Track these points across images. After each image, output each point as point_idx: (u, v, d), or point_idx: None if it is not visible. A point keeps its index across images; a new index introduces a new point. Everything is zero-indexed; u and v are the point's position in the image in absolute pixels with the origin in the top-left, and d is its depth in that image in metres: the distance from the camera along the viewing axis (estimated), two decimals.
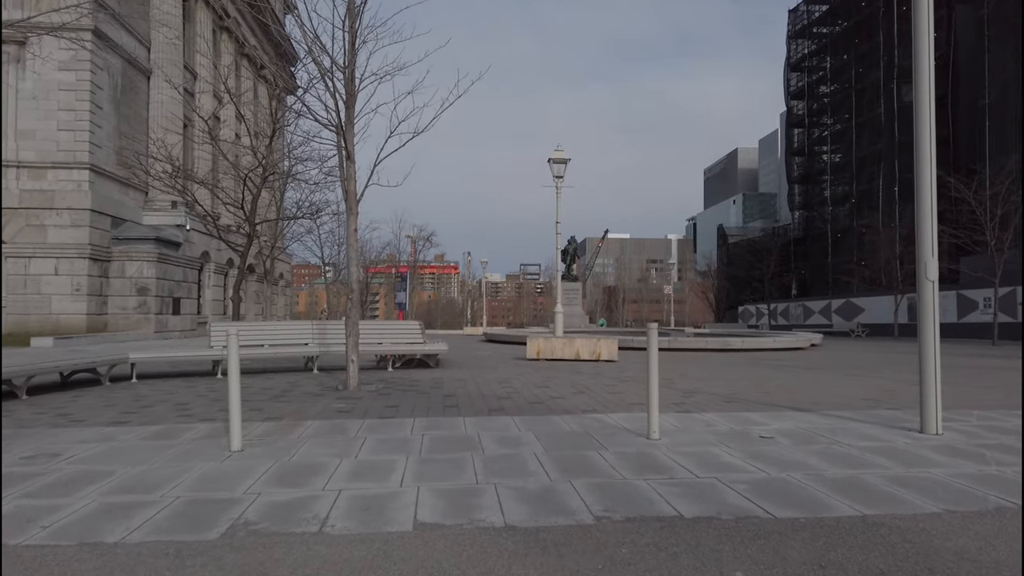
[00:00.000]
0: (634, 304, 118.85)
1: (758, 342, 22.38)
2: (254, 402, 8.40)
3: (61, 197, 25.45)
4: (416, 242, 65.27)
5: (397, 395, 9.00)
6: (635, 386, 10.09)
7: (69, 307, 25.45)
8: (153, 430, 6.58)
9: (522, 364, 14.77)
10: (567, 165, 17.62)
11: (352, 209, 9.62)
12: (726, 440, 5.98)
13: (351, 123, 9.56)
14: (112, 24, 27.43)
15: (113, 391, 9.71)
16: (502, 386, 10.04)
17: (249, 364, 12.95)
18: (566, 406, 8.01)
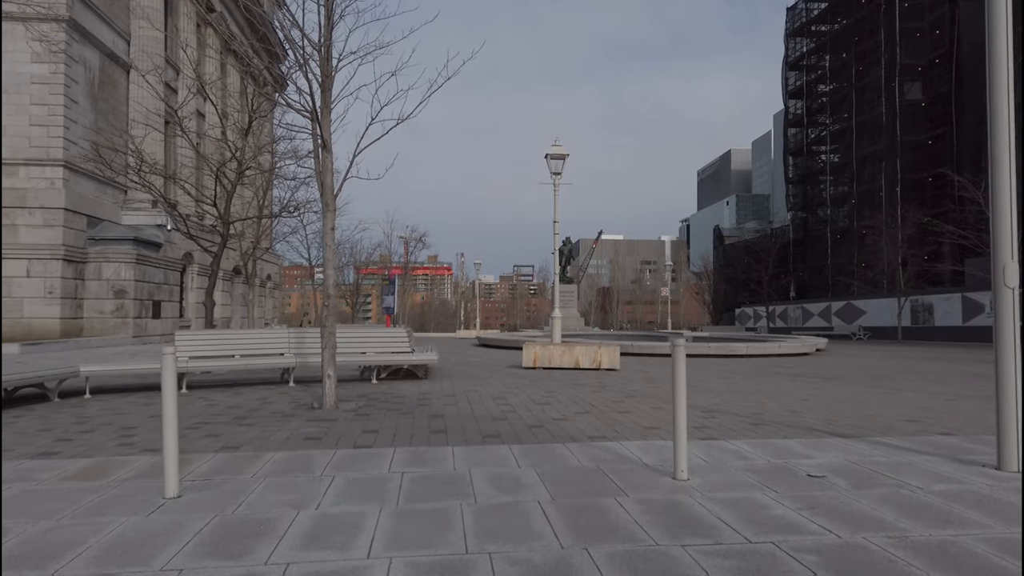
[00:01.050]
0: (629, 305, 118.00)
1: (762, 347, 21.42)
2: (212, 425, 7.33)
3: (33, 195, 24.27)
4: (409, 243, 64.11)
5: (378, 416, 7.94)
6: (645, 403, 9.05)
7: (42, 311, 24.27)
8: (80, 466, 5.50)
9: (518, 374, 13.73)
10: (565, 161, 16.61)
11: (329, 205, 8.55)
12: (769, 480, 4.95)
13: (327, 108, 8.50)
14: (89, 15, 26.26)
15: (58, 410, 8.61)
16: (497, 404, 8.99)
17: (217, 377, 11.87)
18: (571, 430, 6.97)
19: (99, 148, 16.26)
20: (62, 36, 24.57)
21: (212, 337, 10.99)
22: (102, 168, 17.47)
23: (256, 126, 19.27)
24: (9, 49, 24.30)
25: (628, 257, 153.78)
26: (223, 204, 14.22)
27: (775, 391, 10.71)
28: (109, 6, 27.79)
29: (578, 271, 72.38)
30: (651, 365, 16.52)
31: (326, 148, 8.53)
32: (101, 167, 17.52)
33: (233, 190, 14.35)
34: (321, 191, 8.57)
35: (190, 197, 15.99)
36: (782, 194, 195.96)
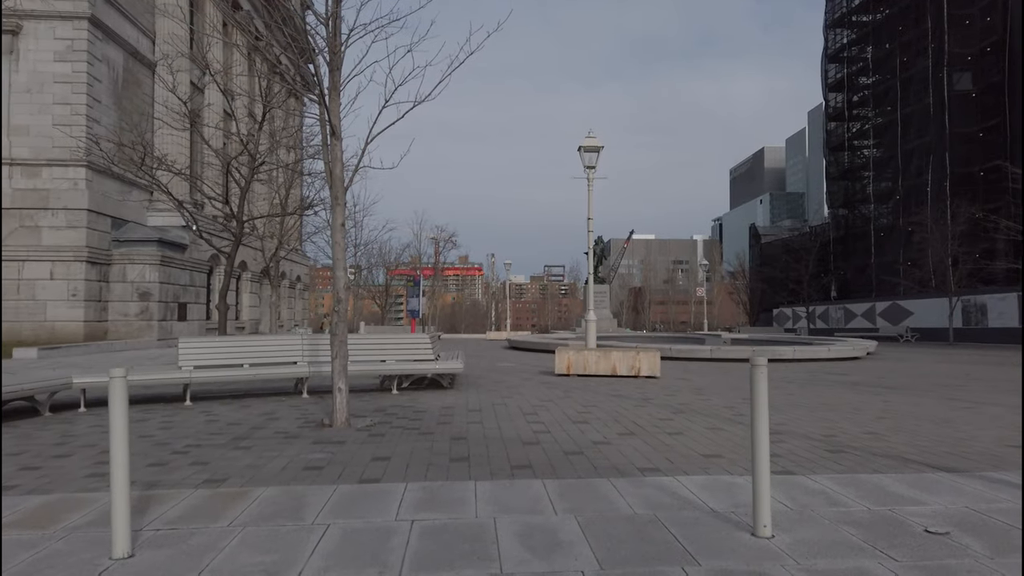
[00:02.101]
0: (661, 306, 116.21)
1: (811, 351, 20.11)
2: (203, 449, 6.42)
3: (56, 196, 23.87)
4: (439, 243, 63.35)
5: (393, 437, 6.97)
6: (698, 422, 7.96)
7: (65, 314, 23.85)
8: (31, 507, 4.61)
9: (551, 382, 12.70)
10: (599, 154, 15.52)
11: (338, 198, 7.61)
12: (878, 539, 3.86)
13: (336, 90, 7.56)
14: (112, 13, 25.83)
15: (43, 428, 7.80)
16: (528, 422, 7.97)
17: (227, 387, 11.03)
18: (615, 459, 5.93)
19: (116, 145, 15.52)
20: (84, 34, 24.12)
21: (219, 345, 10.14)
22: (120, 166, 16.82)
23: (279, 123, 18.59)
24: (32, 48, 23.94)
25: (660, 257, 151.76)
26: (237, 201, 13.42)
27: (841, 404, 9.53)
28: (133, 4, 27.36)
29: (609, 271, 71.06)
30: (693, 372, 15.37)
31: (335, 135, 7.59)
32: (120, 166, 16.86)
33: (247, 186, 13.54)
34: (330, 182, 7.64)
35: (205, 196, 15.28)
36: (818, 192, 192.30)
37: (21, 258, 23.59)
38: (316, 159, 18.50)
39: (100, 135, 24.81)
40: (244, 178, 13.62)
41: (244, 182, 13.58)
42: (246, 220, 14.25)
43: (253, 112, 14.18)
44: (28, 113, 23.77)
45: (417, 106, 7.58)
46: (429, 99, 7.66)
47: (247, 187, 13.65)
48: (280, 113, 16.54)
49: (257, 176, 14.37)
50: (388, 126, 7.68)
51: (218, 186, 16.26)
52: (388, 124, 7.70)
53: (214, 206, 17.31)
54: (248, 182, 13.69)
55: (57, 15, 23.96)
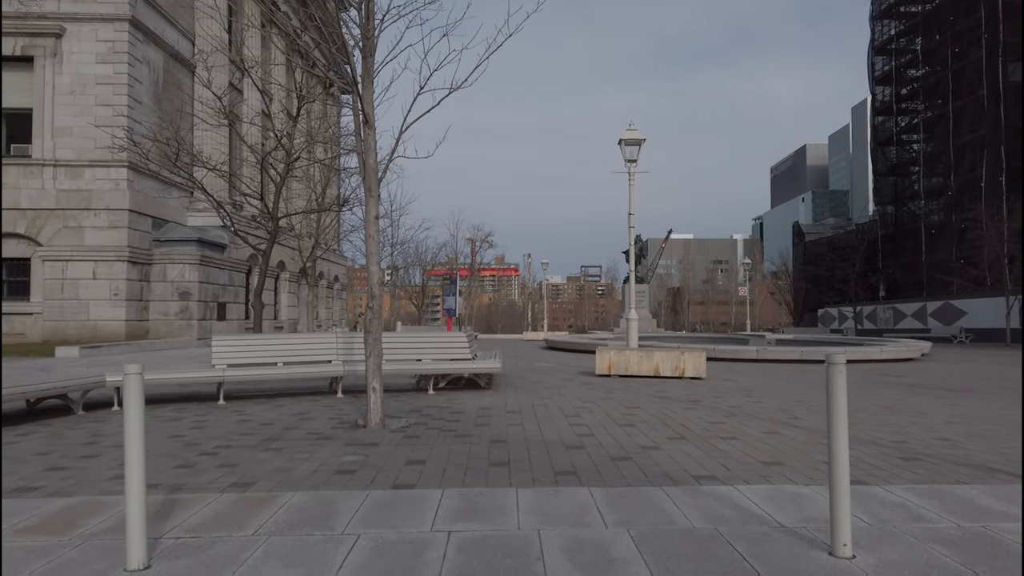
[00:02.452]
0: (700, 306, 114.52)
1: (863, 352, 19.33)
2: (233, 450, 6.17)
3: (99, 197, 24.15)
4: (475, 243, 63.17)
5: (429, 439, 6.64)
6: (752, 426, 7.47)
7: (107, 313, 24.12)
8: (50, 511, 4.38)
9: (591, 383, 12.28)
10: (641, 147, 15.03)
11: (372, 190, 7.32)
12: (975, 561, 3.39)
13: (369, 77, 7.26)
14: (152, 15, 26.10)
15: (75, 426, 7.65)
16: (571, 424, 7.57)
17: (261, 386, 10.83)
18: (667, 465, 5.50)
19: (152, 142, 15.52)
20: (125, 36, 24.38)
21: (252, 343, 9.94)
22: (156, 163, 16.86)
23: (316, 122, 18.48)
24: (75, 50, 24.27)
25: (698, 256, 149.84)
26: (272, 199, 13.28)
27: (904, 408, 8.95)
28: (173, 6, 27.62)
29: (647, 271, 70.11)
30: (739, 373, 14.80)
31: (368, 124, 7.30)
32: (157, 163, 16.91)
33: (282, 183, 13.39)
34: (364, 173, 7.35)
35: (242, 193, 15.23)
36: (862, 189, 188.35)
37: (65, 258, 23.92)
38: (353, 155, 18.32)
39: (141, 135, 25.10)
40: (279, 175, 13.46)
41: (279, 179, 13.42)
42: (281, 217, 14.10)
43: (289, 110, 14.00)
44: (71, 115, 24.10)
45: (453, 92, 7.25)
46: (465, 85, 7.32)
47: (282, 183, 13.49)
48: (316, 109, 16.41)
49: (293, 173, 14.23)
50: (423, 114, 7.37)
51: (255, 183, 16.18)
52: (423, 112, 7.38)
53: (250, 204, 17.22)
54: (283, 178, 13.53)
55: (99, 17, 24.25)
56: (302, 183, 22.47)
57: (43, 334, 23.68)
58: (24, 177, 24.15)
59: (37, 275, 24.10)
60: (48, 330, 23.71)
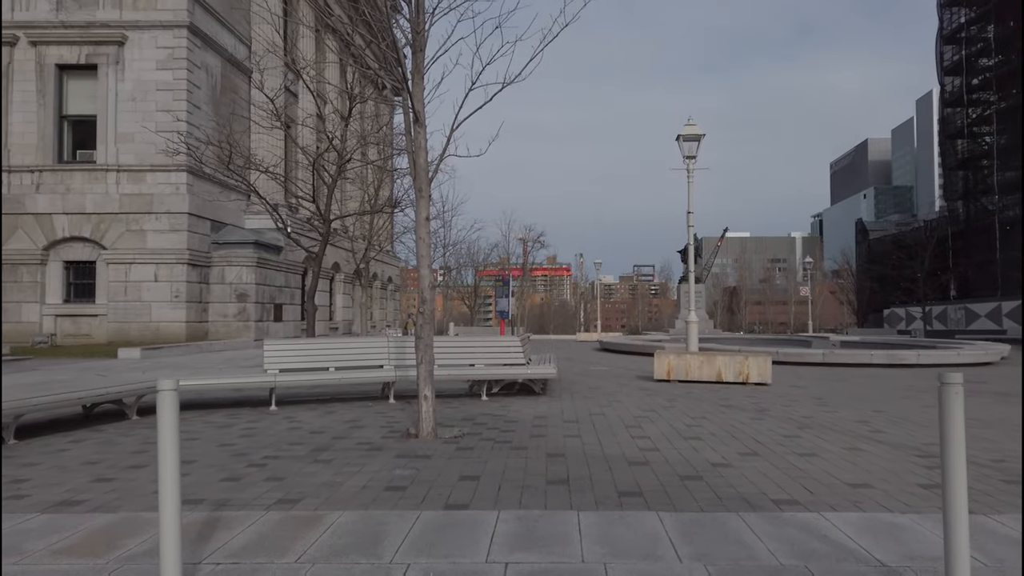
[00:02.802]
0: (757, 306, 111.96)
1: (937, 355, 18.30)
2: (281, 461, 5.95)
3: (159, 201, 24.67)
4: (527, 243, 62.83)
5: (483, 451, 6.31)
6: (831, 440, 6.93)
7: (168, 314, 24.61)
8: (89, 529, 4.20)
9: (650, 388, 11.80)
10: (700, 143, 14.47)
11: (422, 190, 7.04)
12: None
13: (420, 73, 6.98)
14: (210, 20, 26.55)
15: (128, 433, 7.59)
16: (632, 435, 7.15)
17: (314, 391, 10.67)
18: (742, 486, 5.05)
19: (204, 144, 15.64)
20: (184, 42, 24.84)
21: (304, 348, 9.80)
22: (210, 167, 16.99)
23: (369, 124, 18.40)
24: (136, 57, 24.84)
25: (755, 255, 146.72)
26: (325, 200, 13.19)
27: (994, 419, 8.24)
28: (229, 11, 28.06)
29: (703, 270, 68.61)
30: (805, 378, 14.10)
31: (419, 122, 7.02)
32: (210, 166, 17.06)
33: (334, 184, 13.29)
34: (414, 173, 7.07)
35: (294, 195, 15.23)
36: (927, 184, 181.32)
37: (128, 261, 24.50)
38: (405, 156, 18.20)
39: (195, 139, 25.55)
40: (331, 176, 13.37)
41: (331, 181, 13.33)
42: (334, 219, 14.02)
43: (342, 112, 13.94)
44: (133, 121, 24.65)
45: (507, 87, 6.92)
46: (519, 79, 6.98)
47: (334, 185, 13.40)
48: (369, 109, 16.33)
49: (345, 175, 14.14)
50: (475, 110, 7.06)
51: (308, 186, 16.17)
52: (475, 108, 7.07)
53: (303, 206, 17.23)
54: (335, 180, 13.44)
55: (159, 24, 24.76)
56: (355, 185, 22.49)
57: (108, 335, 24.30)
58: (89, 182, 24.83)
59: (102, 278, 24.74)
60: (112, 331, 24.32)
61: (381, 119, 18.49)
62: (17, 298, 24.22)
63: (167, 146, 15.79)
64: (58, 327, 24.44)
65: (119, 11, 24.88)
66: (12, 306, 24.16)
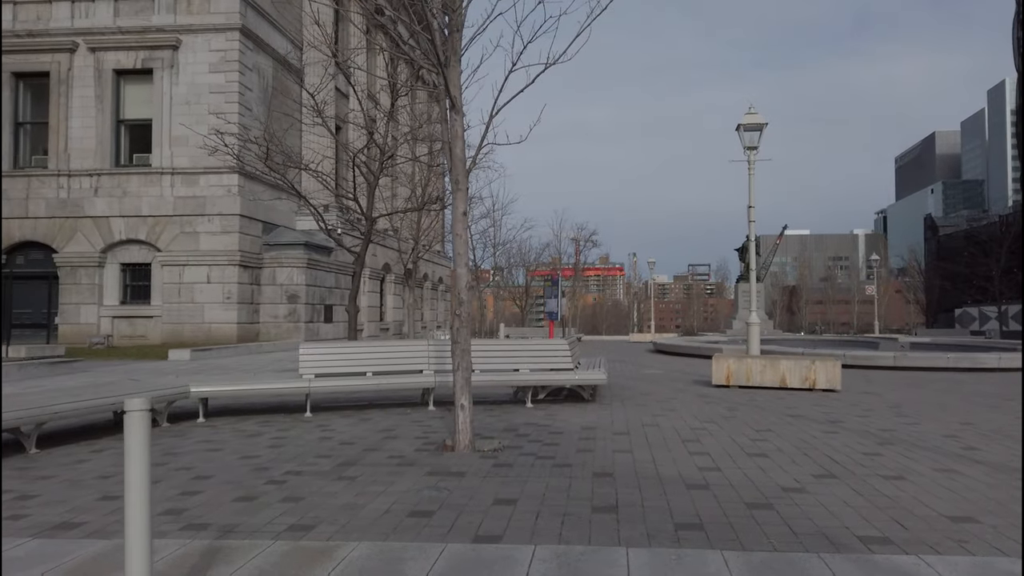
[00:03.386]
0: (818, 305, 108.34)
1: (1020, 359, 16.93)
2: (303, 477, 5.48)
3: (212, 203, 24.83)
4: (579, 243, 61.91)
5: (522, 469, 5.73)
6: (917, 459, 6.12)
7: (220, 316, 24.75)
8: (85, 556, 3.78)
9: (708, 395, 11.03)
10: (762, 133, 13.60)
11: (459, 181, 6.50)
12: None
13: (456, 54, 6.44)
14: (262, 23, 26.66)
15: (154, 441, 7.12)
16: (690, 452, 6.46)
17: (352, 395, 10.25)
18: (820, 518, 4.34)
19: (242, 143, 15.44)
20: (236, 44, 24.96)
21: (341, 352, 9.38)
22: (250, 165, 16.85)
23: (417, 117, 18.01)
24: (190, 61, 25.07)
25: (816, 253, 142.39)
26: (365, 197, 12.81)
27: None
28: (281, 13, 28.16)
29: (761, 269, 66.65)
30: (876, 383, 13.11)
31: (455, 108, 6.48)
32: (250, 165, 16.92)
33: (376, 181, 12.91)
34: (450, 164, 6.54)
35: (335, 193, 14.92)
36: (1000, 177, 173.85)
37: (181, 262, 24.73)
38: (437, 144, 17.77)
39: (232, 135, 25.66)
40: (373, 173, 13.00)
41: (373, 178, 12.95)
42: (376, 218, 13.64)
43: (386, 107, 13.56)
44: (187, 123, 24.86)
45: (550, 68, 6.32)
46: (564, 59, 6.38)
47: (375, 182, 13.02)
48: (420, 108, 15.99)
49: (389, 172, 13.77)
50: (516, 93, 6.49)
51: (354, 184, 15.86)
52: (516, 92, 6.49)
53: (347, 205, 16.93)
54: (377, 177, 13.06)
55: (212, 27, 24.94)
56: (400, 182, 22.20)
57: (162, 336, 24.56)
58: (145, 185, 25.16)
59: (157, 279, 25.04)
60: (167, 332, 24.57)
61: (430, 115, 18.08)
62: (76, 300, 24.69)
63: (204, 144, 15.66)
64: (115, 328, 24.83)
65: (173, 15, 25.15)
66: (71, 308, 24.64)
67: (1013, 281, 44.83)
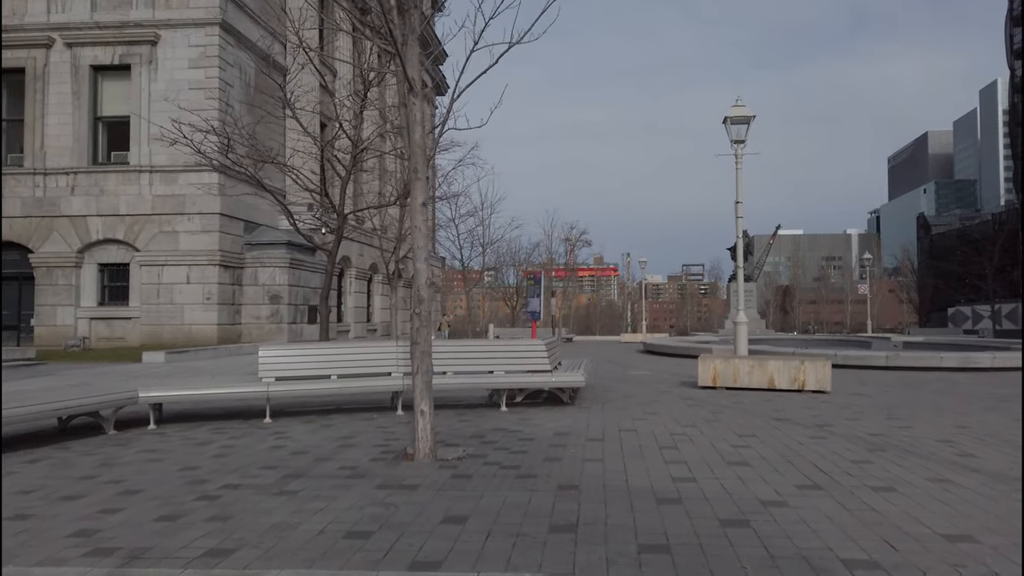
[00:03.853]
0: (811, 305, 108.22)
1: (1015, 358, 16.56)
2: (240, 491, 5.00)
3: (191, 201, 24.28)
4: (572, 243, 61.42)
5: (481, 480, 5.27)
6: (909, 467, 5.68)
7: (200, 317, 24.20)
8: None
9: (693, 397, 10.60)
10: (750, 126, 13.18)
11: (418, 171, 6.04)
12: None
13: (414, 33, 5.98)
14: (243, 18, 26.11)
15: (95, 449, 6.77)
16: (666, 460, 6.01)
17: (321, 398, 9.76)
18: (802, 538, 3.89)
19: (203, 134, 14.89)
20: (216, 40, 24.44)
21: (303, 354, 8.90)
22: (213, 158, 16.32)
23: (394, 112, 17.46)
24: (169, 56, 24.54)
25: (809, 253, 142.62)
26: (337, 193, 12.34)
27: None
28: (263, 8, 27.62)
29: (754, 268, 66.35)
30: (869, 384, 12.71)
31: (413, 91, 6.02)
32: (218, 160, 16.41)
33: (348, 176, 12.43)
34: (409, 150, 6.08)
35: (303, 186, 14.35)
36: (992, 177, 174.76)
37: (160, 263, 24.18)
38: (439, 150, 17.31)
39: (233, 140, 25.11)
40: (345, 167, 12.52)
41: (345, 172, 12.48)
42: (347, 214, 13.17)
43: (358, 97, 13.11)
44: (165, 121, 24.24)
45: (514, 47, 5.86)
46: (530, 38, 5.92)
47: (348, 177, 12.54)
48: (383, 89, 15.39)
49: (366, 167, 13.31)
50: (480, 75, 6.03)
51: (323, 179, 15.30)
52: (480, 73, 6.03)
53: (314, 198, 16.43)
54: (349, 171, 12.58)
55: (191, 22, 24.40)
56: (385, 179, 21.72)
57: (141, 338, 24.00)
58: (123, 184, 24.61)
59: (135, 280, 24.48)
60: (146, 334, 24.02)
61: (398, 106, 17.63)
62: (52, 301, 24.12)
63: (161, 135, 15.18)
64: (92, 330, 24.26)
65: (152, 10, 24.60)
66: (47, 309, 24.07)
67: (1006, 280, 44.59)
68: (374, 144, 13.82)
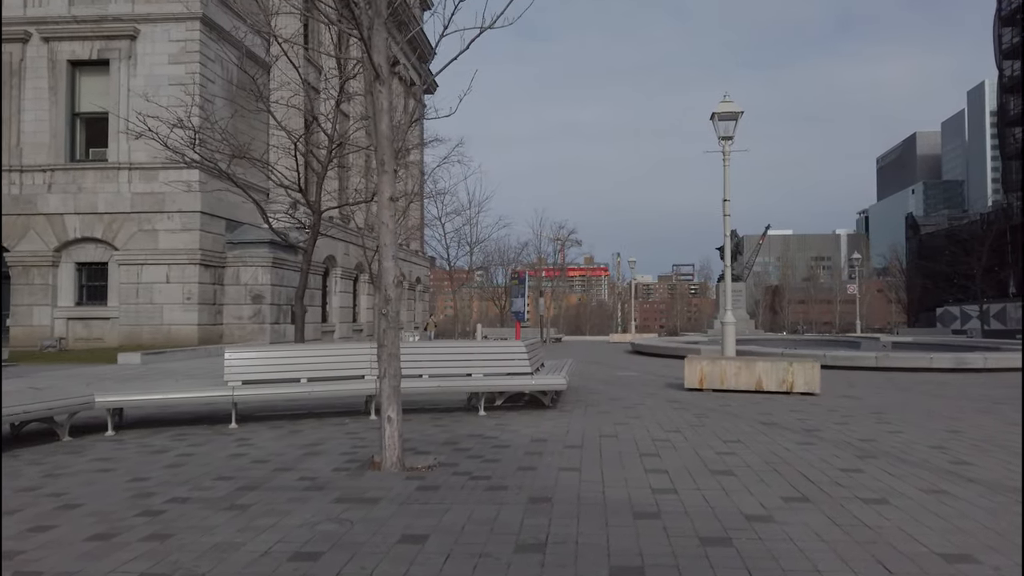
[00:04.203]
0: (801, 305, 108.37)
1: (1007, 359, 16.41)
2: (187, 505, 4.65)
3: (171, 199, 23.82)
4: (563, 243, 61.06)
5: (448, 493, 4.93)
6: (902, 476, 5.38)
7: (180, 317, 23.74)
8: None
9: (679, 400, 10.30)
10: (738, 122, 12.90)
11: (385, 163, 5.70)
12: None
13: (380, 18, 5.64)
14: (224, 12, 25.66)
15: (44, 458, 6.40)
16: (647, 469, 5.69)
17: (292, 403, 9.38)
18: (789, 558, 3.57)
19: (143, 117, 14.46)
20: (196, 35, 23.98)
21: (272, 356, 8.55)
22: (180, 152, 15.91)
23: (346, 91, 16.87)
24: (148, 52, 24.08)
25: (799, 253, 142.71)
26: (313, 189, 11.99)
27: None
28: (245, 3, 27.14)
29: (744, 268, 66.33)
30: (858, 385, 12.46)
31: (379, 78, 5.67)
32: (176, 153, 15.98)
33: (324, 171, 12.08)
34: (376, 141, 5.74)
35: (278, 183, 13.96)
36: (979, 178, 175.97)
37: (140, 262, 23.71)
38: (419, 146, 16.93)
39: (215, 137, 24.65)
40: (320, 162, 12.16)
41: (321, 167, 12.11)
42: (324, 210, 12.80)
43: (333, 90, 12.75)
44: (146, 117, 23.81)
45: (485, 32, 5.53)
46: (502, 23, 5.59)
47: (324, 172, 12.18)
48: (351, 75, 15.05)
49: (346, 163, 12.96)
50: (450, 61, 5.71)
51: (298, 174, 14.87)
52: (450, 59, 5.70)
53: (289, 195, 16.03)
54: (324, 167, 12.22)
55: (171, 17, 23.96)
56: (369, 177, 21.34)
57: (120, 338, 23.54)
58: (101, 181, 24.14)
59: (114, 279, 24.01)
60: (124, 334, 23.55)
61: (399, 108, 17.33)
62: (28, 301, 23.61)
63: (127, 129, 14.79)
64: (70, 331, 23.77)
65: (131, 4, 24.13)
66: (23, 309, 23.55)
67: (994, 280, 44.62)
68: (356, 139, 13.44)
